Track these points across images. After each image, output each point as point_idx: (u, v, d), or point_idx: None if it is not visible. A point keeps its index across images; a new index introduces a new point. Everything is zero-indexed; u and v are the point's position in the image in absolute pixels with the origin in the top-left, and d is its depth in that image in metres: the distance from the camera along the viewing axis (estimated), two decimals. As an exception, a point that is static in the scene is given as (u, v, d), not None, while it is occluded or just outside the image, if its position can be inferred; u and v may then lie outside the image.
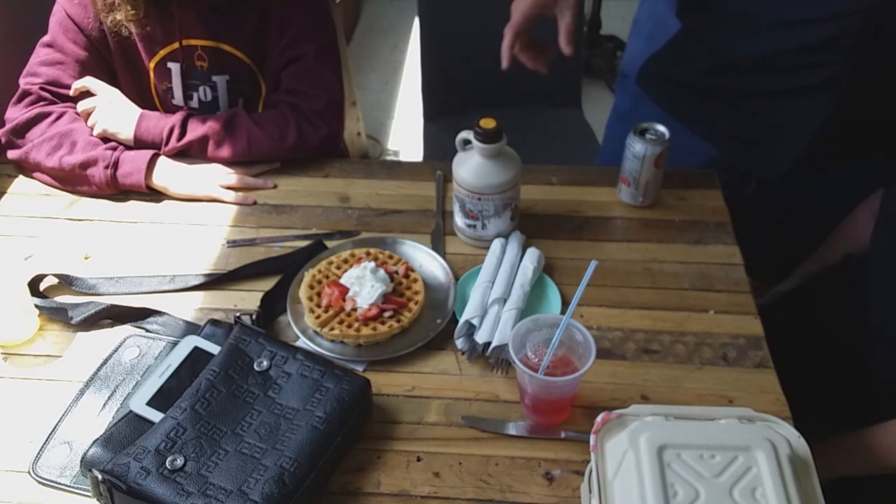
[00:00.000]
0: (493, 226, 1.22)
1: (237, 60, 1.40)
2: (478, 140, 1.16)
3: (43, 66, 1.37)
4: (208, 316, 1.11)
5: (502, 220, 1.22)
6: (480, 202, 1.19)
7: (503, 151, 1.18)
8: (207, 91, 1.42)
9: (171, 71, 1.40)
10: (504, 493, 0.94)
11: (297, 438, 0.92)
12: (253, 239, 1.28)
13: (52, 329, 1.14)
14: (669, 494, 0.74)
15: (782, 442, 0.78)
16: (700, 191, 1.34)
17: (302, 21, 1.37)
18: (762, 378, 1.06)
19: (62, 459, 0.96)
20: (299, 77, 1.39)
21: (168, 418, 0.93)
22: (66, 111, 1.37)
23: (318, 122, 1.39)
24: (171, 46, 1.38)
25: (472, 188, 1.18)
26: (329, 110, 1.40)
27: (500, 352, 1.07)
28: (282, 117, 1.38)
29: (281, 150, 1.38)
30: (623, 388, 1.05)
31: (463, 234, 1.26)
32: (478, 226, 1.22)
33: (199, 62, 1.39)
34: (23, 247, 1.26)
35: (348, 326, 1.10)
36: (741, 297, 1.16)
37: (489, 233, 1.23)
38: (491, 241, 1.23)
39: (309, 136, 1.38)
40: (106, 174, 1.31)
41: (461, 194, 1.20)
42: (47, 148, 1.33)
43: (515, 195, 1.22)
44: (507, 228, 1.24)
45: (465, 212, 1.22)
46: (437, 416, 1.02)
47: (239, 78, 1.42)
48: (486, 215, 1.21)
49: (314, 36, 1.39)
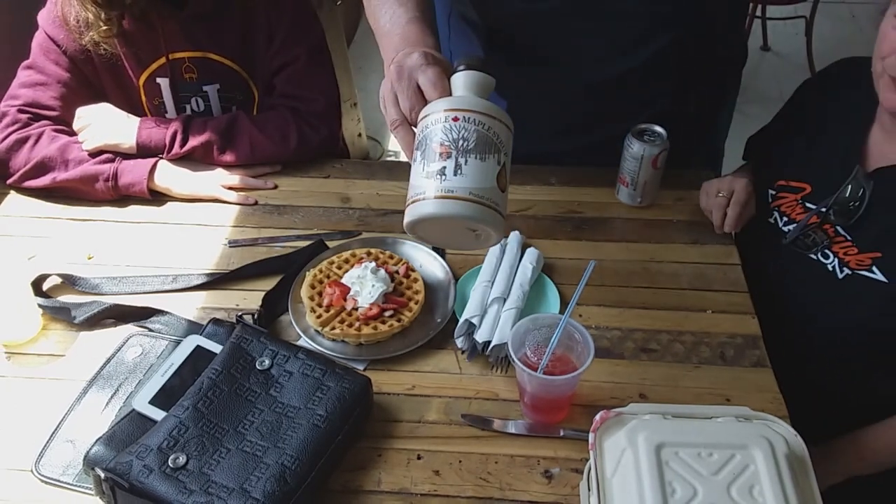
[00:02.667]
0: (470, 172, 0.80)
1: (226, 68, 1.39)
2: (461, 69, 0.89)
3: (23, 88, 1.36)
4: (210, 315, 1.11)
5: (485, 168, 0.81)
6: (458, 124, 0.83)
7: (490, 88, 0.89)
8: (199, 101, 1.42)
9: (161, 86, 1.40)
10: (504, 490, 0.95)
11: (299, 437, 0.93)
12: (255, 239, 1.29)
13: (56, 328, 1.14)
14: (667, 492, 0.74)
15: (779, 440, 0.78)
16: (698, 191, 1.35)
17: (289, 25, 1.37)
18: (759, 377, 1.06)
19: (65, 458, 0.97)
20: (294, 81, 1.39)
21: (170, 417, 0.94)
22: (43, 130, 1.34)
23: (317, 124, 1.39)
24: (159, 62, 1.37)
25: (448, 105, 0.84)
26: (328, 112, 1.41)
27: (499, 351, 1.08)
28: (283, 120, 1.38)
29: (283, 154, 1.38)
30: (621, 386, 1.06)
31: (420, 190, 0.83)
32: (448, 169, 0.81)
33: (187, 74, 1.39)
34: (26, 247, 1.26)
35: (349, 326, 1.11)
36: (739, 296, 1.17)
37: (463, 182, 0.80)
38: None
39: (310, 139, 1.39)
40: (107, 186, 1.31)
41: (430, 122, 0.84)
42: (37, 172, 1.32)
43: (506, 142, 0.85)
44: (490, 188, 0.81)
45: (434, 148, 0.82)
46: (438, 415, 1.03)
47: (229, 86, 1.41)
48: (464, 149, 0.81)
49: (304, 39, 1.38)
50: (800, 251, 1.17)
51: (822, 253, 1.15)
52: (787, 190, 1.22)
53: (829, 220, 1.14)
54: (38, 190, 1.35)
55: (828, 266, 1.14)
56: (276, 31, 1.37)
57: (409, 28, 0.99)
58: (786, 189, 1.22)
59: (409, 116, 0.88)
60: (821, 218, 1.14)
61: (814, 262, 1.15)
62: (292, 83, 1.40)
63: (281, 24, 1.36)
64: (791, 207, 1.20)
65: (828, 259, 1.14)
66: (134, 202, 1.35)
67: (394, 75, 0.90)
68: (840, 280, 1.12)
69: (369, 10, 1.08)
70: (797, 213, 1.19)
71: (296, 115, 1.38)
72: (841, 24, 3.56)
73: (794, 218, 1.19)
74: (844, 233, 1.13)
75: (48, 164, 1.32)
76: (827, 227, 1.14)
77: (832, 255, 1.14)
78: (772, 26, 3.38)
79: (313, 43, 1.40)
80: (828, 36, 3.31)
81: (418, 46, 0.93)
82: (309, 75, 1.39)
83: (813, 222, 1.15)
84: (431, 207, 0.81)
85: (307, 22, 1.40)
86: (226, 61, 1.39)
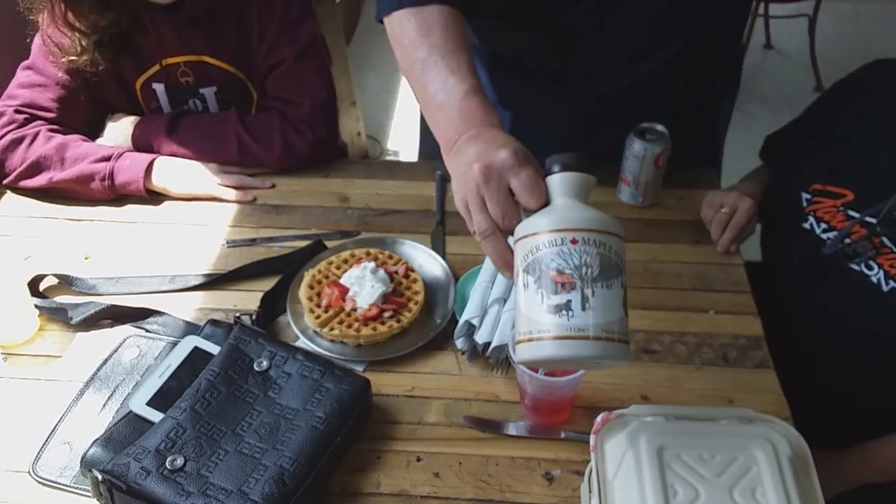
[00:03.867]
0: (596, 306, 0.72)
1: (221, 72, 1.38)
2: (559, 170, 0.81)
3: (21, 89, 1.35)
4: (208, 316, 1.11)
5: (611, 296, 0.73)
6: (577, 247, 0.73)
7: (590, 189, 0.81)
8: (197, 104, 1.41)
9: (157, 92, 1.39)
10: (504, 493, 0.94)
11: (297, 438, 0.92)
12: (253, 239, 1.28)
13: (52, 329, 1.14)
14: (669, 494, 0.74)
15: (782, 442, 0.77)
16: (700, 191, 1.34)
17: (278, 26, 1.35)
18: (762, 378, 1.06)
19: (62, 459, 0.96)
20: (281, 83, 1.38)
21: (168, 418, 0.93)
22: (38, 130, 1.33)
23: (303, 128, 1.36)
24: (154, 67, 1.36)
25: (561, 225, 0.75)
26: (313, 115, 1.36)
27: (499, 352, 1.07)
28: (269, 124, 1.36)
29: (269, 157, 1.36)
30: (623, 388, 1.05)
31: (546, 331, 0.73)
32: (574, 302, 0.72)
33: (183, 78, 1.38)
34: (23, 247, 1.26)
35: (348, 326, 1.10)
36: (741, 297, 1.16)
37: (590, 320, 0.71)
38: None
39: (295, 144, 1.36)
40: (104, 186, 1.30)
41: (533, 244, 0.75)
42: (32, 171, 1.32)
43: (621, 253, 0.76)
44: (617, 320, 0.73)
45: (547, 281, 0.73)
46: (437, 417, 1.02)
47: (226, 88, 1.40)
48: (587, 278, 0.72)
49: (292, 40, 1.35)
50: (840, 261, 1.13)
51: (865, 264, 1.11)
52: (825, 195, 1.18)
53: (876, 231, 1.10)
54: (35, 190, 1.34)
55: (871, 278, 1.10)
56: (266, 33, 1.35)
57: (469, 103, 0.88)
58: (822, 194, 1.18)
59: (502, 224, 0.79)
60: (867, 228, 1.11)
61: (854, 272, 1.12)
62: (279, 85, 1.38)
63: (271, 25, 1.34)
64: (830, 214, 1.16)
65: (872, 270, 1.11)
66: (131, 202, 1.34)
67: (479, 178, 0.78)
68: (885, 293, 1.09)
69: (411, 72, 0.96)
70: (838, 221, 1.15)
71: (282, 118, 1.36)
72: (844, 23, 3.55)
73: (834, 225, 1.15)
74: (891, 244, 1.09)
75: (44, 164, 1.31)
76: (873, 238, 1.10)
77: (877, 267, 1.10)
78: (774, 24, 3.37)
79: (302, 44, 1.37)
80: (831, 34, 3.30)
81: (484, 127, 0.85)
82: (294, 77, 1.37)
83: (857, 232, 1.12)
84: (559, 349, 0.72)
85: (297, 22, 1.37)
86: (221, 64, 1.37)
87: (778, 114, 3.01)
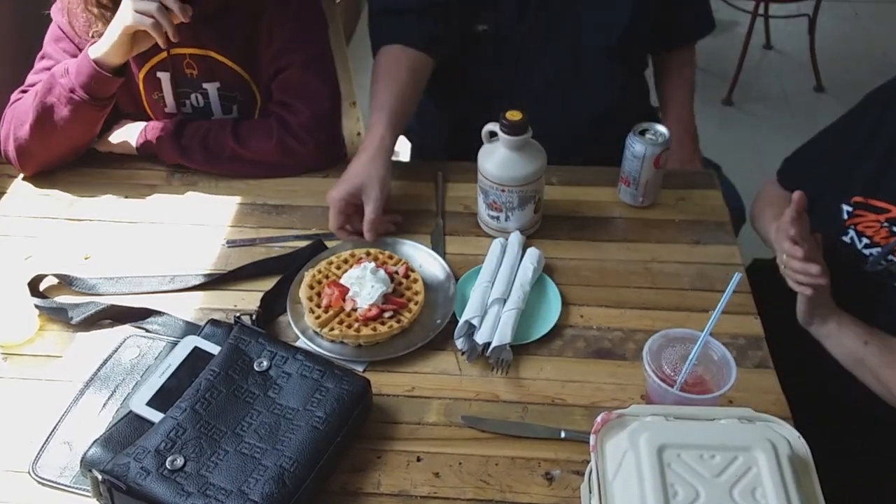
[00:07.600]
0: (515, 218, 1.23)
1: (227, 69, 1.38)
2: (504, 132, 1.17)
3: (35, 75, 1.37)
4: (208, 316, 1.11)
5: (525, 213, 1.23)
6: (505, 194, 1.20)
7: (528, 143, 1.19)
8: (199, 98, 1.41)
9: (161, 80, 1.39)
10: (504, 493, 0.94)
11: (297, 438, 0.92)
12: (253, 239, 1.28)
13: (52, 329, 1.14)
14: (669, 494, 0.74)
15: (782, 442, 0.77)
16: (700, 191, 1.34)
17: (289, 31, 1.35)
18: (762, 378, 1.06)
19: (62, 459, 0.96)
20: (285, 89, 1.37)
21: (168, 418, 0.93)
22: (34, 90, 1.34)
23: (304, 136, 1.36)
24: (160, 56, 1.36)
25: (497, 179, 1.19)
26: (314, 123, 1.36)
27: (499, 352, 1.07)
28: (267, 131, 1.36)
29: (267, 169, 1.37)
30: (623, 388, 1.05)
31: (486, 225, 1.27)
32: (501, 217, 1.23)
33: (188, 70, 1.38)
34: (23, 247, 1.26)
35: (348, 327, 1.10)
36: (741, 297, 1.16)
37: (511, 225, 1.24)
38: (510, 234, 1.23)
39: (296, 152, 1.36)
40: (65, 85, 1.28)
41: (486, 185, 1.22)
42: (21, 115, 1.32)
43: (539, 188, 1.23)
44: (530, 221, 1.25)
45: (489, 203, 1.23)
46: (437, 417, 1.02)
47: (230, 86, 1.40)
48: (510, 207, 1.21)
49: (302, 46, 1.36)
50: (883, 278, 1.11)
51: None
52: (867, 209, 1.15)
53: None
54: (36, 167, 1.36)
55: None
56: (276, 36, 1.35)
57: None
58: (864, 207, 1.15)
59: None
60: None
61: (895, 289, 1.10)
62: (283, 91, 1.38)
63: (282, 29, 1.34)
64: (873, 229, 1.13)
65: None
66: (131, 200, 1.35)
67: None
68: None
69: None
70: (881, 237, 1.12)
71: (281, 124, 1.36)
72: (844, 23, 3.55)
73: (877, 241, 1.13)
74: None
75: (26, 101, 1.32)
76: None
77: None
78: (774, 24, 3.37)
79: (312, 50, 1.37)
80: (830, 34, 3.30)
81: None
82: (300, 84, 1.36)
83: None
84: None
85: (311, 27, 1.38)
86: (228, 62, 1.38)
87: (778, 113, 3.03)
